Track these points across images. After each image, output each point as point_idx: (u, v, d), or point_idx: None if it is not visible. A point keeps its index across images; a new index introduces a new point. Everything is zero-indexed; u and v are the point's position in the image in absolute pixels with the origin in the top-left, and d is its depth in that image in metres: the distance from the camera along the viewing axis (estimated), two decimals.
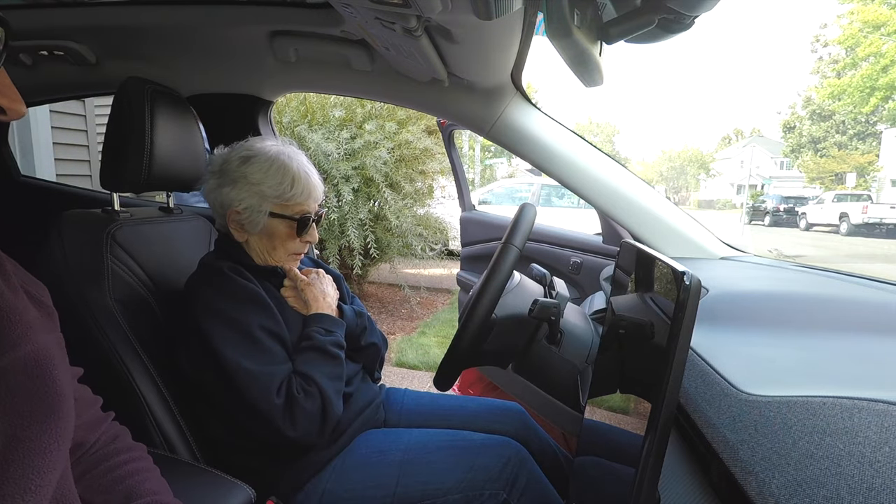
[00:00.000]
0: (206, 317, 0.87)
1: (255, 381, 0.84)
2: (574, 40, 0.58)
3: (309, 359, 0.92)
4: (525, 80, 1.27)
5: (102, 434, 0.65)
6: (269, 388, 0.85)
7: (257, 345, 0.87)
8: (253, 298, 0.91)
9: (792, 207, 17.32)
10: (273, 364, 0.88)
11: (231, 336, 0.86)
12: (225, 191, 0.96)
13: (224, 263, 0.94)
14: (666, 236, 1.25)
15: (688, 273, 0.47)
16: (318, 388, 0.89)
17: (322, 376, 0.90)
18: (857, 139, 25.30)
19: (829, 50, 23.73)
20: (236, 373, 0.84)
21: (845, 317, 0.76)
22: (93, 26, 1.11)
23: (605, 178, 1.28)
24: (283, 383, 0.87)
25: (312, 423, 0.87)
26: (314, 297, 1.01)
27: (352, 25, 0.98)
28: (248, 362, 0.85)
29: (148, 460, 0.68)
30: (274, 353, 0.89)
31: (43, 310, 0.56)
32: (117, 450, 0.65)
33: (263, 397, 0.84)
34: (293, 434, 0.85)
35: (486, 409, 1.16)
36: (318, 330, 0.96)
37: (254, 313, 0.90)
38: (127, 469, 0.64)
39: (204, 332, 0.86)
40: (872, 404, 0.42)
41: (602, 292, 1.33)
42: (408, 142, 3.59)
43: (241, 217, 0.96)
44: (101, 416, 0.67)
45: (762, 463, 0.45)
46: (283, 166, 0.96)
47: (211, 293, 0.90)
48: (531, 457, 0.99)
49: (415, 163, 3.76)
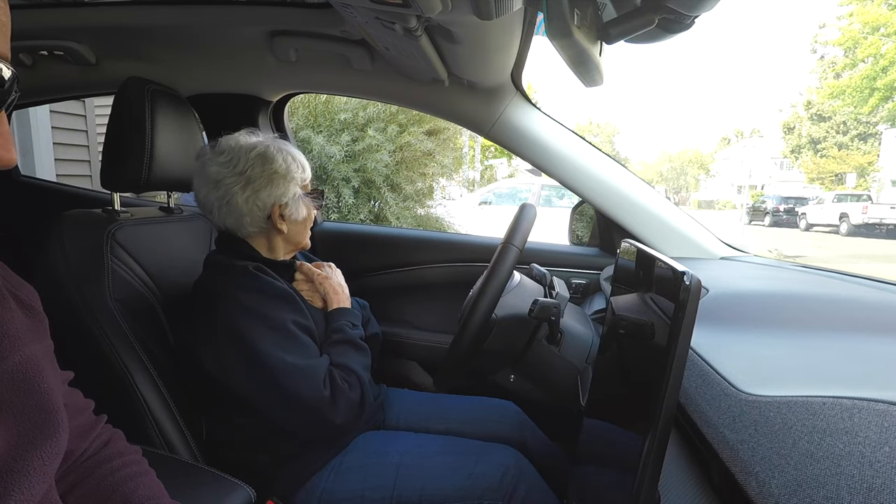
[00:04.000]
0: (241, 317, 0.87)
1: (303, 376, 0.86)
2: (574, 40, 0.58)
3: (344, 350, 0.95)
4: (525, 80, 1.27)
5: (94, 440, 0.62)
6: (317, 381, 0.87)
7: (296, 340, 0.89)
8: (283, 295, 0.93)
9: (792, 208, 17.31)
10: (314, 358, 0.90)
11: (270, 334, 0.87)
12: (263, 193, 0.94)
13: (246, 263, 0.94)
14: (666, 236, 1.26)
15: (688, 273, 0.47)
16: (358, 377, 0.92)
17: (358, 367, 0.94)
18: (857, 139, 25.31)
19: (828, 50, 23.77)
20: (282, 369, 0.85)
21: (845, 317, 0.76)
22: (93, 26, 1.11)
23: (606, 179, 1.28)
24: (327, 375, 0.89)
25: (354, 410, 0.90)
26: (334, 291, 1.03)
27: (352, 25, 0.98)
28: (293, 357, 0.87)
29: (143, 463, 0.66)
30: (310, 347, 0.92)
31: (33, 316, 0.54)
32: (110, 455, 0.63)
33: (312, 390, 0.86)
34: (340, 421, 0.89)
35: (484, 409, 1.16)
36: (346, 324, 0.99)
37: (286, 310, 0.91)
38: (121, 475, 0.61)
39: (241, 332, 0.86)
40: (872, 404, 0.42)
41: (602, 292, 1.33)
42: (409, 144, 3.60)
43: (286, 210, 0.98)
44: (93, 420, 0.64)
45: (762, 463, 0.45)
46: (289, 154, 0.99)
47: (240, 292, 0.89)
48: (531, 463, 0.99)
49: (416, 164, 3.77)
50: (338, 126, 3.47)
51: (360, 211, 3.47)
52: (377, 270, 1.57)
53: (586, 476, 0.78)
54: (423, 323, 1.56)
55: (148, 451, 0.78)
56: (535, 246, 1.45)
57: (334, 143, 3.38)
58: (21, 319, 0.51)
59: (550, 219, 3.29)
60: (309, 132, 3.41)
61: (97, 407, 0.66)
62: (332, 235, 1.63)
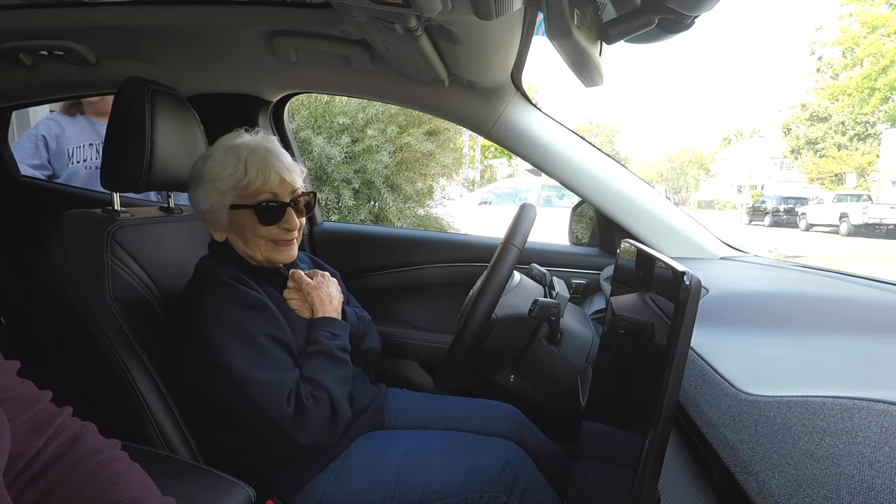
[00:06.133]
0: (210, 327, 0.87)
1: (265, 391, 0.84)
2: (574, 40, 0.58)
3: (317, 363, 0.91)
4: (525, 80, 1.27)
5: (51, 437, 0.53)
6: (279, 398, 0.84)
7: (265, 353, 0.87)
8: (256, 305, 0.90)
9: (792, 208, 17.30)
10: (282, 372, 0.87)
11: (238, 346, 0.86)
12: (194, 195, 0.95)
13: (223, 270, 0.92)
14: (666, 236, 1.26)
15: (688, 273, 0.47)
16: (328, 392, 0.88)
17: (331, 381, 0.90)
18: (856, 139, 25.31)
19: (827, 51, 23.78)
20: (245, 383, 0.84)
21: (845, 317, 0.76)
22: (93, 26, 1.11)
23: (606, 179, 1.28)
24: (293, 391, 0.86)
25: (323, 428, 0.87)
26: (321, 301, 0.99)
27: (352, 25, 0.98)
28: (257, 372, 0.84)
29: (123, 459, 0.57)
30: (281, 360, 0.89)
31: None
32: (83, 455, 0.54)
33: (274, 407, 0.84)
34: (305, 441, 0.85)
35: (483, 410, 1.16)
36: (325, 334, 0.95)
37: (258, 321, 0.89)
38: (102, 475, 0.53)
39: (210, 342, 0.86)
40: (872, 404, 0.42)
41: (602, 292, 1.33)
42: (409, 145, 3.60)
43: (209, 217, 0.95)
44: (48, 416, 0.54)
45: (762, 463, 0.45)
46: (237, 155, 0.92)
47: (212, 302, 0.89)
48: (530, 458, 0.99)
49: (416, 165, 3.77)
50: (337, 128, 3.47)
51: (360, 212, 3.47)
52: (377, 270, 1.57)
53: (586, 476, 0.78)
54: (423, 323, 1.56)
55: (148, 451, 0.78)
56: (535, 246, 1.45)
57: (334, 145, 3.38)
58: None
59: (550, 219, 3.29)
60: (309, 133, 3.41)
61: (97, 407, 0.65)
62: (332, 235, 1.63)
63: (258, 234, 0.94)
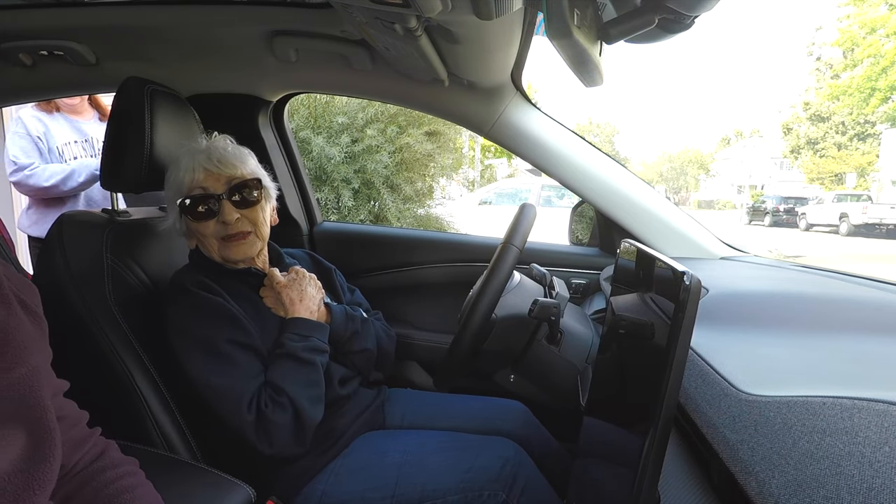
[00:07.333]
0: (173, 336, 0.88)
1: (223, 399, 0.84)
2: (574, 40, 0.58)
3: (280, 367, 0.89)
4: (525, 80, 1.27)
5: (87, 452, 0.60)
6: (238, 405, 0.84)
7: (227, 360, 0.86)
8: (218, 312, 0.90)
9: (792, 208, 17.30)
10: (242, 379, 0.86)
11: (198, 354, 0.86)
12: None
13: (189, 278, 0.93)
14: (666, 236, 1.26)
15: (688, 273, 0.47)
16: (289, 397, 0.86)
17: (293, 385, 0.87)
18: (857, 139, 25.31)
19: (826, 52, 23.79)
20: (205, 391, 0.85)
21: (845, 317, 0.76)
22: (93, 26, 1.11)
23: (606, 179, 1.28)
24: (254, 398, 0.85)
25: (286, 434, 0.85)
26: (290, 300, 0.97)
27: (352, 25, 0.98)
28: (217, 379, 0.85)
29: (139, 475, 0.63)
30: (244, 366, 0.88)
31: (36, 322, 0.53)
32: (103, 467, 0.60)
33: (234, 414, 0.84)
34: (269, 450, 0.85)
35: (489, 408, 1.16)
36: (290, 336, 0.92)
37: (220, 327, 0.88)
38: (116, 487, 0.59)
39: (173, 350, 0.88)
40: (872, 404, 0.42)
41: (602, 292, 1.33)
42: (409, 145, 3.60)
43: (177, 227, 0.96)
44: (87, 433, 0.61)
45: (762, 463, 0.45)
46: (176, 161, 0.94)
47: (173, 311, 0.90)
48: (530, 456, 0.99)
49: (415, 165, 3.76)
50: (336, 128, 3.47)
51: (360, 212, 3.46)
52: (377, 270, 1.57)
53: (586, 475, 0.78)
54: (423, 323, 1.56)
55: (148, 451, 0.78)
56: (535, 246, 1.45)
57: (334, 145, 3.38)
58: (27, 328, 0.50)
59: (550, 219, 3.28)
60: (309, 133, 3.41)
61: (97, 407, 0.66)
62: (332, 235, 1.63)
63: (203, 233, 0.94)
